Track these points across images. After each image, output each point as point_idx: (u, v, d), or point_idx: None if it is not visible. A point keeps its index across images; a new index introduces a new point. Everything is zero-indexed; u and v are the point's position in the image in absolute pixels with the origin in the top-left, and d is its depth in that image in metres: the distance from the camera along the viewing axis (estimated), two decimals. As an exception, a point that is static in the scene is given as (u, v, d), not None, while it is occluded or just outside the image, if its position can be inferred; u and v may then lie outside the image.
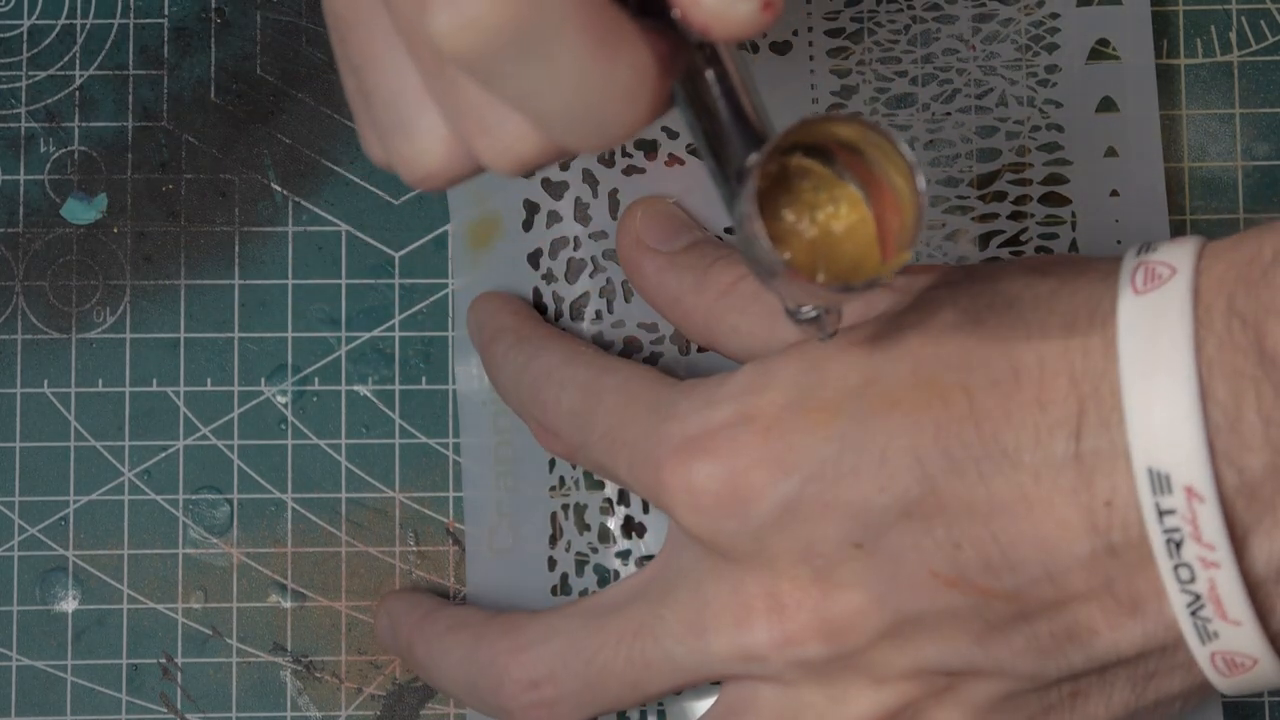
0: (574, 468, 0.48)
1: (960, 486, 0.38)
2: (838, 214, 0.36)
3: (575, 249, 0.48)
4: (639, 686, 0.43)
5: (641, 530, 0.47)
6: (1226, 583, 0.37)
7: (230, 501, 0.48)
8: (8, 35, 0.49)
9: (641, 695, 0.43)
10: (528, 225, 0.48)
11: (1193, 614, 0.38)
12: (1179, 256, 0.38)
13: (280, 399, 0.48)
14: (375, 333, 0.49)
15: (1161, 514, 0.37)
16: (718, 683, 0.44)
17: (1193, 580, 0.37)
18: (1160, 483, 0.37)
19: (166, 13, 0.49)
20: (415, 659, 0.46)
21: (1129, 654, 0.39)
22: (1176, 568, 0.37)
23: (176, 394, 0.48)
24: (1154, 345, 0.37)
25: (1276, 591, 0.38)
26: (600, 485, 0.48)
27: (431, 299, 0.49)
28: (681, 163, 0.48)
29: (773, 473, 0.40)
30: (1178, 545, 0.37)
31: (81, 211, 0.49)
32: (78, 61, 0.49)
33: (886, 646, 0.40)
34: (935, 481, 0.39)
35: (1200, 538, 0.37)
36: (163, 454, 0.48)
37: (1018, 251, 0.48)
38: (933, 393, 0.39)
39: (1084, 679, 0.40)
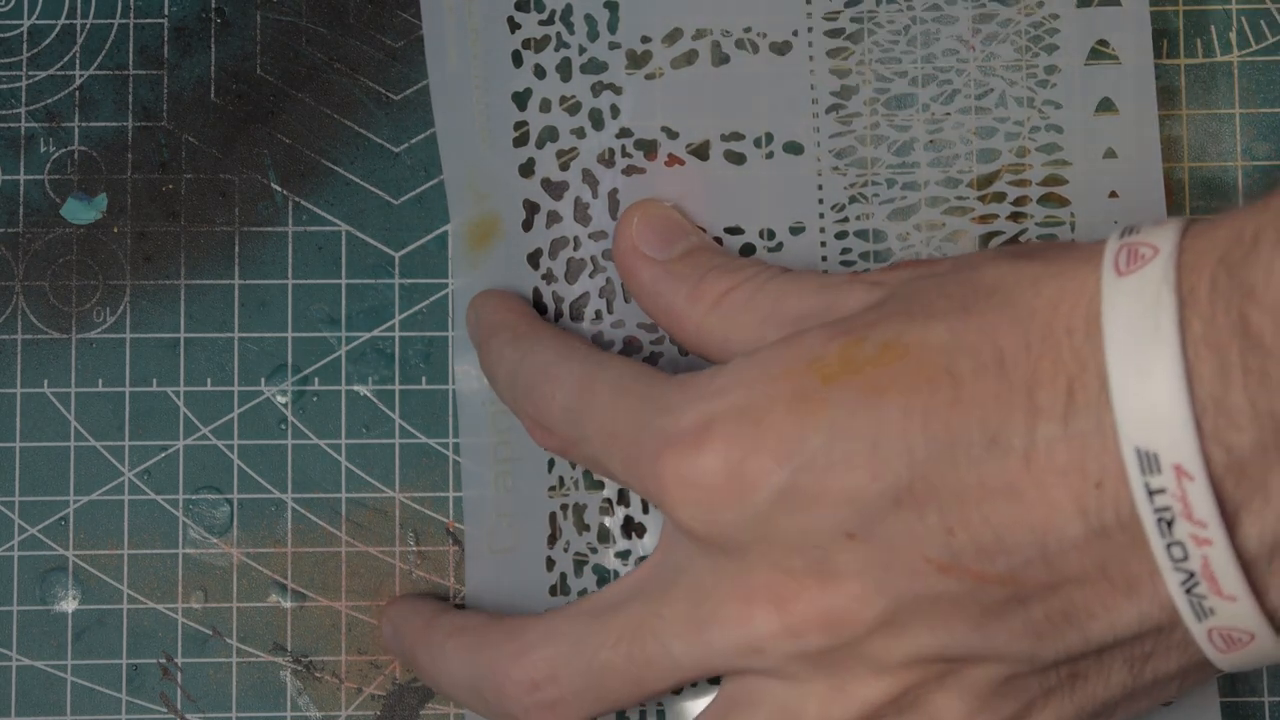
0: (573, 468, 0.48)
1: (951, 473, 0.39)
2: None
3: (575, 249, 0.48)
4: (641, 684, 0.43)
5: (641, 530, 0.47)
6: (1220, 559, 0.37)
7: (230, 501, 0.48)
8: (8, 35, 0.49)
9: (644, 693, 0.43)
10: (528, 225, 0.48)
11: (1187, 591, 0.38)
12: (1161, 237, 0.38)
13: (280, 399, 0.49)
14: (375, 333, 0.49)
15: (1151, 493, 0.37)
16: (718, 680, 0.44)
17: (1186, 558, 0.37)
18: (1149, 462, 0.37)
19: (166, 13, 0.49)
20: (419, 665, 0.46)
21: (1125, 635, 0.39)
22: (1169, 546, 0.37)
23: (176, 394, 0.48)
24: (1138, 326, 0.37)
25: (1270, 570, 0.38)
26: (599, 485, 0.48)
27: (431, 299, 0.49)
28: (681, 163, 0.48)
29: (765, 464, 0.40)
30: (1169, 524, 0.37)
31: (81, 211, 0.49)
32: (78, 61, 0.49)
33: (884, 635, 0.40)
34: (926, 468, 0.39)
35: (1191, 515, 0.37)
36: (163, 454, 0.48)
37: (1017, 252, 0.48)
38: (920, 379, 0.39)
39: (1081, 661, 0.40)
